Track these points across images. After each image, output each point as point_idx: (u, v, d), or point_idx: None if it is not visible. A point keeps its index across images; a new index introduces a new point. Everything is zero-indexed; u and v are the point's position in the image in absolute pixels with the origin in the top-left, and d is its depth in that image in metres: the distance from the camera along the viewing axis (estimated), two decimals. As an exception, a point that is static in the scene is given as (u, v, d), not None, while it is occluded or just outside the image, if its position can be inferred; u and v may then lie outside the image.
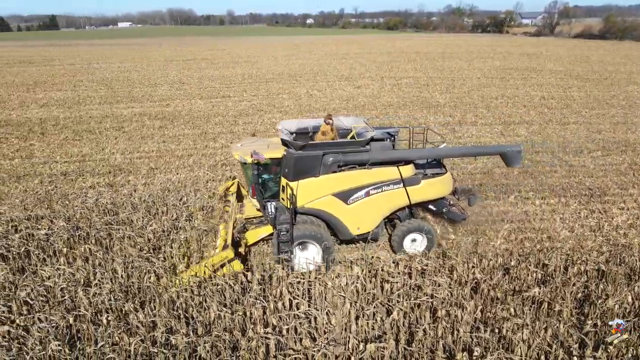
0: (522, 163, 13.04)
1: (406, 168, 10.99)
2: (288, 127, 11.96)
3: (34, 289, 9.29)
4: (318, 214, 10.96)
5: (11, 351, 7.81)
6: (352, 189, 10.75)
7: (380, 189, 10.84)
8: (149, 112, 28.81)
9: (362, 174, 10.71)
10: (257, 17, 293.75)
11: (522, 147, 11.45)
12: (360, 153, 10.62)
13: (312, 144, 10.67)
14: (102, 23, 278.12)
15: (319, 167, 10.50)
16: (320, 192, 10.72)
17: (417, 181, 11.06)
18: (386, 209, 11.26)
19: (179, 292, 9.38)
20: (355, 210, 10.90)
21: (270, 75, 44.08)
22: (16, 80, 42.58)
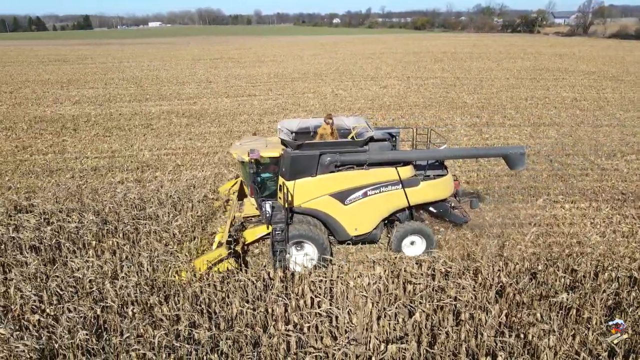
0: (526, 165, 12.62)
1: (405, 169, 10.81)
2: (289, 126, 11.92)
3: (64, 280, 9.56)
4: (315, 214, 10.89)
5: (41, 339, 8.05)
6: (349, 189, 10.64)
7: (378, 189, 10.70)
8: (177, 110, 29.31)
9: (359, 174, 10.57)
10: (284, 17, 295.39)
11: (525, 150, 11.13)
12: (357, 153, 10.50)
13: (309, 143, 10.58)
14: (133, 23, 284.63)
15: (315, 166, 10.44)
16: (317, 192, 10.66)
17: (416, 183, 10.88)
18: (384, 210, 11.08)
19: (203, 287, 9.50)
20: (352, 211, 10.79)
21: (296, 75, 44.24)
22: (51, 78, 43.94)
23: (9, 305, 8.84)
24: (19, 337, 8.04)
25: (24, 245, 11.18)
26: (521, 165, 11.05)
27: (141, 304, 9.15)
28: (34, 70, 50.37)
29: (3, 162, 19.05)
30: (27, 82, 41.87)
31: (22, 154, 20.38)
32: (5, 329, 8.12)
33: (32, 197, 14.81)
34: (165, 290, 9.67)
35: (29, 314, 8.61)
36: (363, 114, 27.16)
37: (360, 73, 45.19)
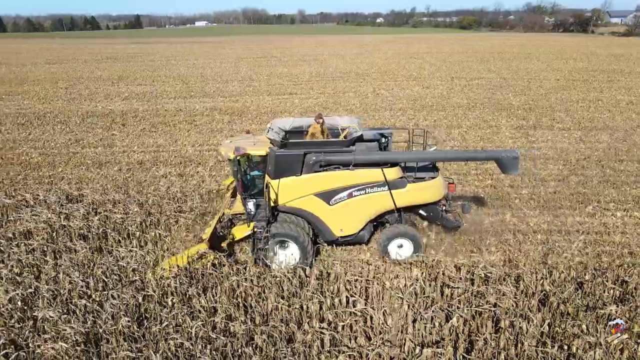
0: (521, 170, 11.96)
1: (391, 170, 10.55)
2: (282, 125, 11.84)
3: (109, 268, 9.95)
4: (299, 213, 10.81)
5: (87, 323, 8.41)
6: (334, 189, 10.50)
7: (363, 190, 10.51)
8: (220, 107, 29.92)
9: (344, 174, 10.42)
10: (327, 16, 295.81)
11: (519, 154, 10.68)
12: (342, 153, 10.37)
13: (294, 142, 10.57)
14: (181, 22, 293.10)
15: (300, 166, 10.38)
16: (301, 191, 10.59)
17: (403, 185, 10.64)
18: (370, 212, 10.91)
19: (240, 281, 9.65)
20: (337, 212, 10.66)
21: (338, 74, 44.22)
22: (103, 75, 45.88)
23: (58, 290, 9.28)
24: (66, 320, 8.44)
25: (73, 233, 11.73)
26: (514, 169, 10.62)
27: (180, 294, 9.39)
28: (87, 68, 52.73)
29: (57, 154, 20.05)
30: (81, 78, 43.89)
31: (74, 146, 21.38)
32: (55, 312, 8.54)
33: (82, 187, 15.51)
34: (203, 282, 9.88)
35: (76, 298, 9.01)
36: (404, 114, 26.84)
37: (403, 73, 44.63)
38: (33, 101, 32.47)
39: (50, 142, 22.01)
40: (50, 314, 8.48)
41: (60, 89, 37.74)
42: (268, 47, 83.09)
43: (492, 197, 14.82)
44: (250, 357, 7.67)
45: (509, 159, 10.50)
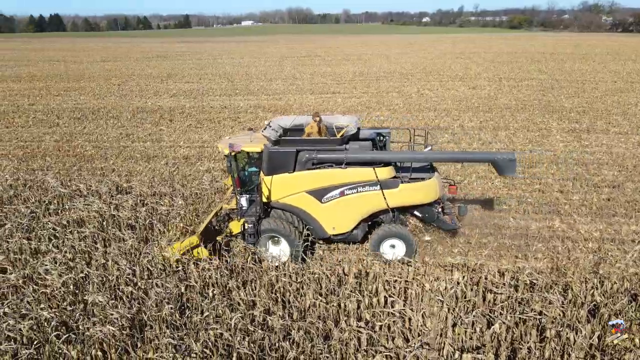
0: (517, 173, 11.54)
1: (383, 170, 10.42)
2: (282, 123, 11.90)
3: (154, 257, 10.29)
4: (292, 210, 10.87)
5: (132, 309, 8.74)
6: (326, 187, 10.50)
7: (355, 189, 10.45)
8: (263, 104, 30.36)
9: (336, 173, 10.41)
10: (372, 16, 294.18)
11: (515, 156, 10.33)
12: (334, 152, 10.36)
13: (286, 139, 10.69)
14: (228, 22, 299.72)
15: (292, 163, 10.45)
16: (293, 188, 10.65)
17: (395, 185, 10.48)
18: (362, 211, 10.79)
19: (279, 276, 9.74)
20: (330, 210, 10.65)
21: (382, 74, 43.88)
22: (153, 73, 47.59)
23: (107, 276, 9.69)
24: (113, 305, 8.80)
25: (122, 223, 12.22)
26: (511, 172, 10.37)
27: (220, 286, 9.59)
28: (139, 66, 54.86)
29: (109, 147, 20.96)
30: (132, 76, 45.71)
31: (125, 140, 22.28)
32: (103, 297, 8.93)
33: (131, 179, 16.14)
34: (243, 275, 10.05)
35: (123, 285, 9.37)
36: (449, 114, 26.29)
37: (449, 73, 43.74)
38: (88, 97, 34.11)
39: (103, 135, 23.04)
40: (99, 298, 8.87)
41: (113, 85, 39.44)
42: (312, 46, 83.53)
43: (540, 202, 14.26)
44: (287, 351, 7.73)
45: (505, 161, 10.28)
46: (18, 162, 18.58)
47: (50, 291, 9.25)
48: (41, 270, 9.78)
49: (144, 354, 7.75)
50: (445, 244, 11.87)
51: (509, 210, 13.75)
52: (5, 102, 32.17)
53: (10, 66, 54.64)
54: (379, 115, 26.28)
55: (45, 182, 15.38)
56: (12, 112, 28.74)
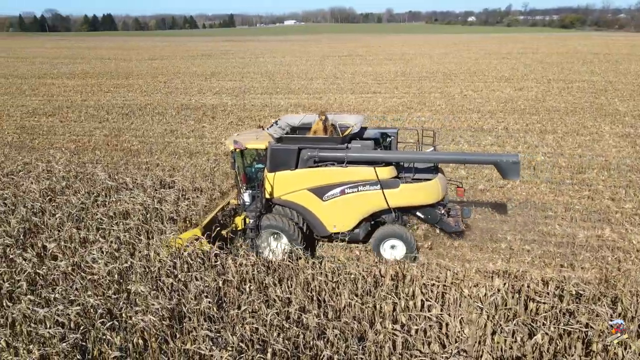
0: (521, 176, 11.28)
1: (383, 169, 10.39)
2: (291, 121, 12.10)
3: (194, 251, 10.54)
4: (293, 207, 10.98)
5: (172, 301, 8.98)
6: (327, 185, 10.56)
7: (356, 188, 10.47)
8: (303, 103, 30.53)
9: (337, 171, 10.47)
10: (416, 15, 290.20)
11: (519, 158, 10.17)
12: (336, 150, 10.43)
13: (289, 137, 10.83)
14: (271, 21, 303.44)
15: (294, 160, 10.57)
16: (295, 185, 10.77)
17: (396, 185, 10.44)
18: (363, 210, 10.81)
19: (315, 275, 9.76)
20: (330, 208, 10.72)
21: (424, 74, 43.21)
22: (198, 71, 48.82)
23: (149, 267, 10.00)
24: (155, 295, 9.07)
25: (165, 216, 12.59)
26: (515, 175, 10.21)
27: (257, 282, 9.71)
28: (184, 64, 56.43)
29: (154, 143, 21.65)
30: (178, 73, 47.06)
31: (169, 136, 22.96)
32: (145, 287, 9.22)
33: (174, 174, 16.60)
34: (279, 273, 10.14)
35: (164, 277, 9.65)
36: (493, 116, 25.56)
37: (494, 74, 42.54)
38: (136, 94, 35.38)
39: (149, 131, 23.83)
40: (142, 288, 9.16)
41: (160, 83, 40.74)
42: (353, 45, 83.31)
43: (589, 210, 13.63)
44: (322, 350, 7.72)
45: (508, 164, 10.09)
46: (70, 155, 19.50)
47: (97, 279, 9.65)
48: (89, 259, 10.22)
49: (182, 344, 7.95)
50: (486, 249, 11.56)
51: (555, 217, 13.23)
52: (60, 98, 33.86)
53: (65, 63, 57.45)
54: (420, 116, 25.89)
55: (94, 175, 16.05)
56: (66, 108, 30.21)
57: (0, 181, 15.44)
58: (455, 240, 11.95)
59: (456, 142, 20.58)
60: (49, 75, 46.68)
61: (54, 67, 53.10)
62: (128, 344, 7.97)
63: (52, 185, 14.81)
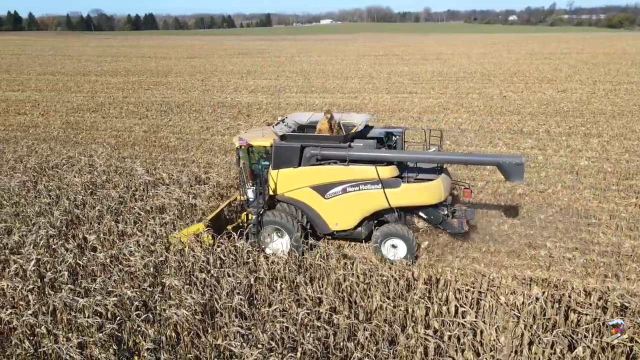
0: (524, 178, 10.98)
1: (385, 169, 10.40)
2: (298, 119, 12.24)
3: (227, 247, 10.65)
4: (296, 204, 11.08)
5: (205, 296, 9.09)
6: (329, 183, 10.64)
7: (357, 187, 10.52)
8: (338, 102, 30.44)
9: (339, 170, 10.54)
10: (454, 14, 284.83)
11: (522, 160, 9.99)
12: (338, 149, 10.48)
13: (292, 135, 10.97)
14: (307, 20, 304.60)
15: (297, 158, 10.68)
16: (298, 182, 10.87)
17: (397, 184, 10.42)
18: (365, 208, 10.84)
19: (346, 275, 9.68)
20: (332, 206, 10.79)
21: (462, 74, 42.31)
22: (234, 69, 49.51)
23: (184, 262, 10.18)
24: (188, 290, 9.21)
25: (199, 212, 12.78)
26: (518, 177, 10.07)
27: (288, 281, 9.71)
28: (221, 62, 57.38)
29: (190, 140, 22.08)
30: (215, 72, 47.87)
31: (205, 133, 23.35)
32: (179, 281, 9.38)
33: (209, 171, 16.86)
34: (311, 272, 10.11)
35: (197, 272, 9.79)
36: (534, 119, 24.74)
37: (535, 75, 41.20)
38: (174, 91, 36.20)
39: (186, 128, 24.32)
40: (176, 282, 9.33)
41: (197, 81, 41.55)
42: (390, 45, 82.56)
43: (637, 218, 12.97)
44: (352, 352, 7.64)
45: (511, 165, 9.93)
46: (111, 150, 20.12)
47: (133, 271, 9.89)
48: (126, 252, 10.49)
49: (214, 339, 8.04)
50: (524, 256, 11.17)
51: (598, 225, 12.65)
52: (103, 95, 35.05)
53: (108, 62, 59.46)
54: (456, 117, 25.35)
55: (132, 170, 16.50)
56: (108, 104, 31.24)
57: (46, 174, 16.10)
58: (491, 245, 11.62)
59: (494, 145, 20.03)
60: (93, 72, 48.42)
61: (98, 65, 55.04)
62: (161, 336, 8.13)
63: (93, 179, 15.34)
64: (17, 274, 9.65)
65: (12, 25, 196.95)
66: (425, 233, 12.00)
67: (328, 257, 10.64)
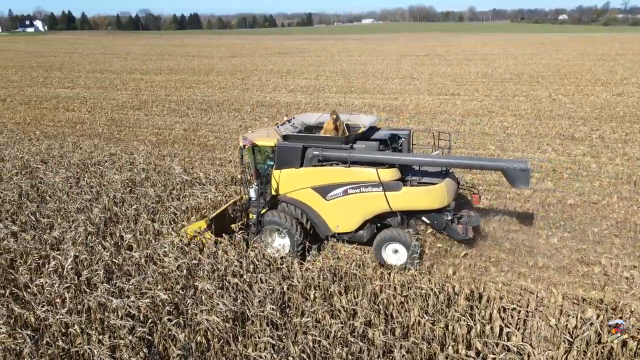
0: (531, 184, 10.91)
1: (386, 171, 10.23)
2: (306, 119, 12.27)
3: (259, 252, 10.43)
4: (298, 205, 11.03)
5: (237, 301, 8.89)
6: (330, 185, 10.57)
7: (358, 189, 10.38)
8: (378, 104, 29.88)
9: (340, 171, 10.46)
10: (500, 13, 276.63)
11: (528, 165, 9.65)
12: (339, 150, 10.42)
13: (294, 135, 10.95)
14: (348, 20, 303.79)
15: (299, 158, 10.64)
16: (299, 183, 10.83)
17: (398, 187, 10.23)
18: (366, 211, 10.68)
19: (383, 286, 9.26)
20: (334, 207, 10.72)
21: (508, 75, 40.74)
22: (274, 69, 49.70)
23: (217, 265, 10.02)
24: (220, 295, 9.02)
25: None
26: (524, 183, 9.82)
27: (322, 289, 9.37)
28: (262, 61, 57.80)
29: (229, 139, 22.14)
30: (255, 71, 48.21)
31: (243, 132, 23.33)
32: (212, 285, 9.21)
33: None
34: (345, 281, 9.74)
35: (230, 276, 9.60)
36: (586, 123, 23.37)
37: (588, 77, 39.13)
38: (215, 90, 36.64)
39: (224, 127, 24.44)
40: (208, 286, 9.17)
41: (237, 80, 41.92)
42: (432, 45, 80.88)
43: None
44: (387, 371, 7.23)
45: (516, 171, 9.64)
46: (152, 147, 20.43)
47: (167, 272, 9.80)
48: (160, 252, 10.44)
49: (244, 348, 7.80)
50: (576, 273, 10.39)
51: (660, 242, 11.65)
52: (147, 93, 35.90)
53: (153, 60, 61.10)
54: (501, 121, 24.29)
55: (170, 168, 16.62)
56: (151, 102, 31.92)
57: (89, 170, 16.44)
58: (539, 259, 10.88)
59: (542, 151, 19.01)
60: (139, 70, 49.80)
61: (143, 64, 56.64)
62: (191, 342, 7.96)
63: (132, 177, 15.52)
64: (55, 270, 9.76)
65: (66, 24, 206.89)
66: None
67: (364, 266, 10.25)
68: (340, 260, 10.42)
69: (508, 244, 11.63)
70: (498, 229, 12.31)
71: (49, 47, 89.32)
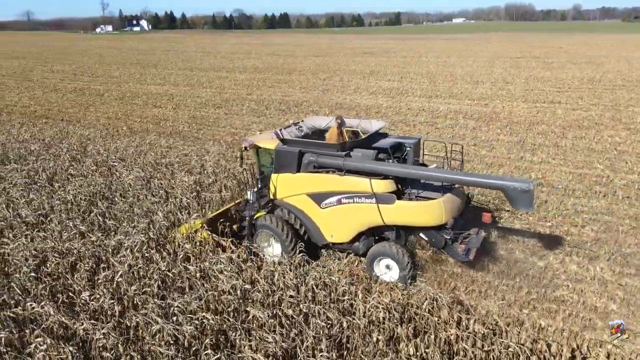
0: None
1: (380, 182, 9.65)
2: (317, 123, 12.15)
3: (321, 278, 9.39)
4: (293, 211, 10.78)
5: (289, 337, 7.90)
6: (325, 192, 10.22)
7: (352, 199, 9.91)
8: (465, 110, 27.63)
9: (334, 179, 10.09)
10: (609, 12, 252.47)
11: (531, 186, 8.73)
12: (334, 157, 10.06)
13: (291, 140, 10.71)
14: (438, 19, 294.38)
15: (296, 163, 10.41)
16: (295, 188, 10.59)
17: (391, 200, 9.59)
18: (359, 222, 10.17)
19: (459, 336, 7.79)
20: (328, 216, 10.35)
21: (620, 82, 36.06)
22: (357, 69, 48.54)
23: (272, 289, 9.12)
24: (271, 326, 8.10)
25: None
26: (526, 206, 8.98)
27: (386, 331, 8.11)
28: (345, 61, 56.88)
29: (303, 142, 21.36)
30: (338, 71, 47.40)
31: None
32: (264, 314, 8.32)
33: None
34: (415, 322, 8.39)
35: (285, 305, 8.65)
36: None
37: None
38: (295, 89, 36.32)
39: (301, 130, 23.74)
40: (260, 314, 8.30)
41: (319, 80, 41.34)
42: (529, 46, 74.99)
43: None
44: None
45: (517, 192, 8.78)
46: (225, 148, 20.24)
47: (218, 292, 9.07)
48: (215, 269, 9.76)
49: (291, 397, 6.80)
50: None
51: None
52: (230, 91, 36.48)
53: (240, 59, 62.68)
54: (612, 136, 21.14)
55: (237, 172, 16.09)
56: (232, 100, 32.26)
57: (160, 171, 16.41)
58: None
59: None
60: (225, 69, 51.14)
61: (230, 62, 58.23)
62: (233, 382, 7.11)
63: (201, 180, 15.21)
64: (107, 279, 9.43)
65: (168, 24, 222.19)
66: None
67: (437, 305, 8.80)
68: (411, 297, 9.06)
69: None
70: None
71: (150, 45, 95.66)
